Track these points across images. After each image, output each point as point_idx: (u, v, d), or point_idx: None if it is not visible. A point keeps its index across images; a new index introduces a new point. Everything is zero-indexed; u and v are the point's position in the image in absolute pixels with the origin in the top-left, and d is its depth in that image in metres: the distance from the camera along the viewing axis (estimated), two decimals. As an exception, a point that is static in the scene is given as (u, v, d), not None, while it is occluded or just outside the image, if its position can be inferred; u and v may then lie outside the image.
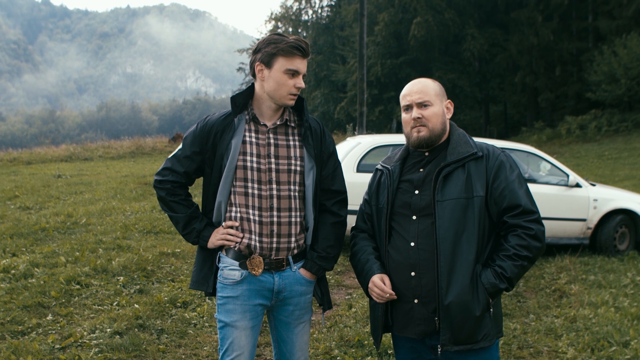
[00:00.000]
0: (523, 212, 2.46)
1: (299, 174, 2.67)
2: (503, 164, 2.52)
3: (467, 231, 2.45)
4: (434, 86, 2.63)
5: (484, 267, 2.48)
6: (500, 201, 2.48)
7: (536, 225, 2.46)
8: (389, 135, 8.73)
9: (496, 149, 2.58)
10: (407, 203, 2.58)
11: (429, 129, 2.58)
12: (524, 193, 2.49)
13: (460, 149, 2.55)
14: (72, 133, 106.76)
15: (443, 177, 2.50)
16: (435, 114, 2.58)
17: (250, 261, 2.63)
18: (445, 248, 2.44)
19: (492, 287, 2.43)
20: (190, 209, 2.74)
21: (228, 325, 2.66)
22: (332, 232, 2.74)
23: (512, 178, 2.50)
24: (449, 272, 2.44)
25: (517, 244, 2.43)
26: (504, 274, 2.42)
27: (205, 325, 5.02)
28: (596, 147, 26.24)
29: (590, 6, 36.71)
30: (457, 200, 2.46)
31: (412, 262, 2.53)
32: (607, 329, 5.03)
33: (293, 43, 2.55)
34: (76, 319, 5.01)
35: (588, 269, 7.32)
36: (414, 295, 2.53)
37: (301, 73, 2.59)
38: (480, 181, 2.49)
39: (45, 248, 7.20)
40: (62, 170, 16.90)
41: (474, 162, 2.52)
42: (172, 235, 8.33)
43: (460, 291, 2.42)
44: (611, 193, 8.46)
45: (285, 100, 2.61)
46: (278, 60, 2.56)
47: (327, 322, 5.23)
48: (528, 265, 2.47)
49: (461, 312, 2.42)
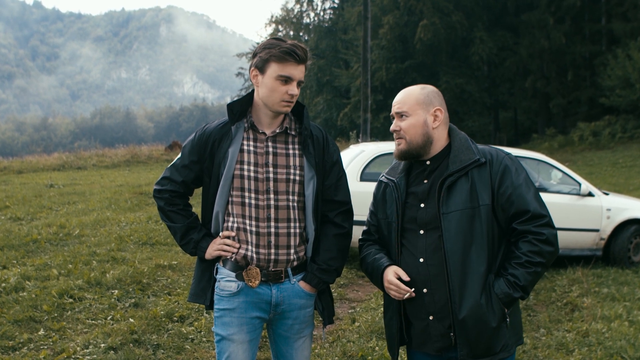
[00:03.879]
0: (532, 217, 2.44)
1: (298, 183, 2.69)
2: (508, 168, 2.50)
3: (476, 242, 2.45)
4: (418, 95, 2.61)
5: (496, 277, 2.48)
6: (507, 207, 2.47)
7: (547, 229, 2.44)
8: (394, 143, 8.77)
9: (500, 152, 2.57)
10: (414, 217, 2.59)
11: (406, 141, 2.60)
12: (532, 197, 2.47)
13: (462, 156, 2.53)
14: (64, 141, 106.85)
15: (447, 187, 2.49)
16: (412, 125, 2.58)
17: (247, 272, 2.66)
18: (454, 262, 2.45)
19: (507, 297, 2.43)
20: (188, 219, 2.78)
21: (225, 338, 2.68)
22: (334, 244, 2.75)
23: (518, 182, 2.48)
24: (461, 285, 2.44)
25: (529, 251, 2.42)
26: (518, 283, 2.42)
27: (203, 340, 5.04)
28: (610, 154, 26.22)
29: (603, 8, 36.74)
30: (463, 211, 2.46)
31: (423, 279, 2.54)
32: (620, 343, 5.04)
33: (286, 48, 2.56)
34: (69, 334, 5.04)
35: (601, 282, 7.33)
36: (428, 312, 2.55)
37: (295, 79, 2.60)
38: (485, 189, 2.48)
39: (37, 260, 7.23)
40: (54, 180, 16.93)
41: (477, 169, 2.50)
42: (168, 247, 8.36)
43: (474, 304, 2.42)
44: (625, 202, 8.47)
45: (277, 107, 2.62)
46: (271, 66, 2.58)
47: (329, 336, 5.25)
48: (542, 271, 2.47)
49: (477, 325, 2.43)
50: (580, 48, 36.79)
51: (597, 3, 37.38)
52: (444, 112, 2.62)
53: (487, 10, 41.50)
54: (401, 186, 2.64)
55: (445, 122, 2.64)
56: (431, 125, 2.59)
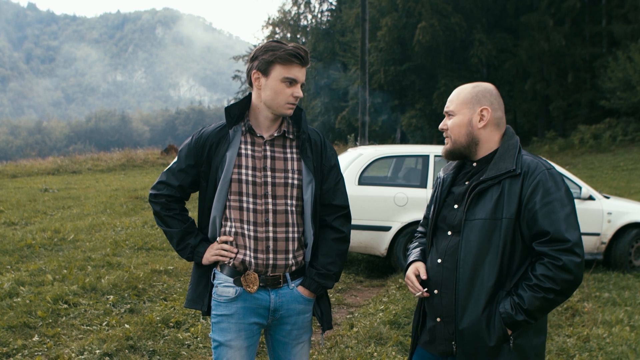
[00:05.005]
0: (552, 240, 2.31)
1: (296, 187, 2.69)
2: (541, 183, 2.36)
3: (491, 255, 2.39)
4: (467, 93, 2.57)
5: (506, 295, 2.40)
6: (531, 225, 2.36)
7: (566, 256, 2.29)
8: (393, 146, 8.78)
9: (540, 166, 2.42)
10: (445, 217, 2.59)
11: (451, 141, 2.57)
12: (561, 218, 2.32)
13: (502, 164, 2.44)
14: (59, 145, 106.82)
15: (476, 194, 2.45)
16: (456, 124, 2.55)
17: (245, 278, 2.65)
18: (465, 271, 2.43)
19: (509, 318, 2.35)
20: (185, 224, 2.78)
21: (222, 344, 2.68)
22: (333, 249, 2.76)
23: (548, 199, 2.34)
24: (466, 296, 2.42)
25: (542, 274, 2.31)
26: (522, 305, 2.32)
27: (200, 346, 5.04)
28: (611, 157, 26.27)
29: (604, 10, 36.83)
30: (485, 221, 2.40)
31: (437, 280, 2.54)
32: (621, 348, 5.04)
33: (291, 50, 2.58)
34: (64, 340, 5.03)
35: (602, 286, 7.33)
36: (436, 314, 2.55)
37: (299, 82, 2.62)
38: (512, 202, 2.38)
39: (31, 266, 7.22)
40: (49, 184, 16.93)
41: (510, 179, 2.41)
42: (164, 251, 8.36)
43: (474, 318, 2.39)
44: (626, 206, 8.49)
45: (282, 109, 2.64)
46: (275, 68, 2.59)
47: (327, 342, 5.25)
48: (556, 299, 2.33)
49: (473, 340, 2.40)
50: (580, 50, 36.87)
51: (597, 4, 37.48)
52: (492, 112, 2.54)
53: (486, 12, 41.57)
54: (446, 183, 2.64)
55: (495, 123, 2.55)
56: (476, 125, 2.53)
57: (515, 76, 40.10)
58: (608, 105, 31.75)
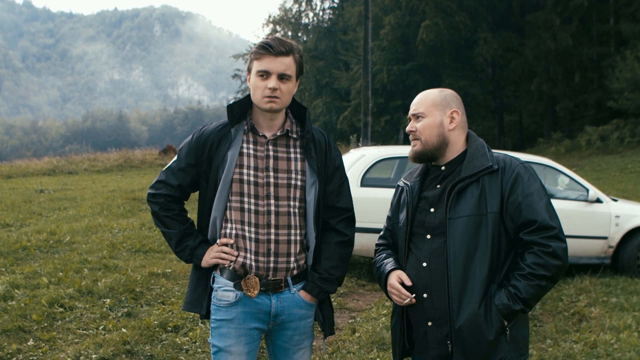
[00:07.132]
0: (540, 228, 2.44)
1: (299, 189, 2.68)
2: (520, 176, 2.50)
3: (480, 250, 2.47)
4: (434, 96, 2.67)
5: (498, 288, 2.48)
6: (516, 217, 2.47)
7: (555, 242, 2.43)
8: (396, 147, 8.77)
9: (515, 160, 2.57)
10: (422, 222, 2.63)
11: (421, 142, 2.64)
12: (542, 207, 2.47)
13: (476, 162, 2.56)
14: (55, 145, 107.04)
15: (456, 193, 2.52)
16: (427, 125, 2.63)
17: (245, 282, 2.64)
18: (456, 268, 2.47)
19: (506, 309, 2.43)
20: (184, 225, 2.76)
21: (222, 350, 2.67)
22: (336, 252, 2.74)
23: (529, 191, 2.48)
24: (460, 293, 2.46)
25: (533, 263, 2.42)
26: (518, 295, 2.41)
27: (198, 351, 5.03)
28: (618, 159, 26.25)
29: (611, 8, 36.85)
30: (470, 218, 2.49)
31: (424, 284, 2.56)
32: (629, 355, 5.04)
33: (261, 43, 2.60)
34: (59, 344, 5.03)
35: (609, 291, 7.32)
36: (427, 318, 2.57)
37: (273, 73, 2.58)
38: (494, 196, 2.49)
39: (27, 268, 7.22)
40: (44, 185, 16.93)
41: (488, 176, 2.52)
42: (162, 254, 8.35)
43: (471, 314, 2.44)
44: (634, 209, 8.47)
45: (262, 104, 2.62)
46: (253, 64, 2.62)
47: (328, 347, 5.24)
48: (547, 285, 2.45)
49: (473, 335, 2.44)
50: (587, 49, 36.88)
51: (605, 3, 37.49)
52: (461, 116, 2.67)
53: (492, 10, 41.61)
54: (414, 190, 2.69)
55: (462, 127, 2.68)
56: (447, 127, 2.63)
57: (521, 76, 40.14)
58: (616, 106, 31.73)
